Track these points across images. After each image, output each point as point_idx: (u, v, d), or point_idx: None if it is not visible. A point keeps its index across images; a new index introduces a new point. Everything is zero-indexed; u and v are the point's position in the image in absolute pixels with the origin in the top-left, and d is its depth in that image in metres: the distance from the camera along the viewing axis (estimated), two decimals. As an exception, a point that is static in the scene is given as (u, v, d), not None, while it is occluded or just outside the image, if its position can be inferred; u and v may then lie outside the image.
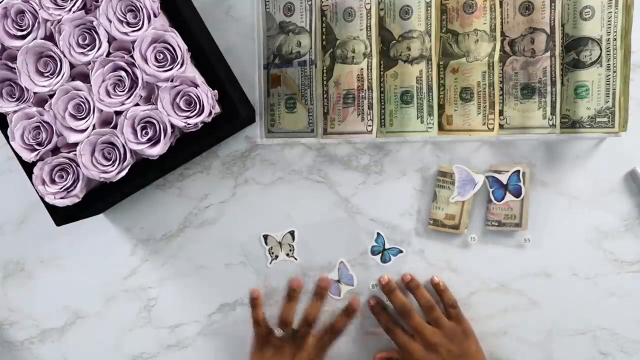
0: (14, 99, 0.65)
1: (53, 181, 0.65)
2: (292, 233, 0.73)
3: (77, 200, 0.65)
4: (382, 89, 0.69)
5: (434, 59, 0.67)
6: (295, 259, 0.74)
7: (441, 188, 0.70)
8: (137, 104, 0.63)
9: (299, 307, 0.70)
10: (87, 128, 0.63)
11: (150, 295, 0.77)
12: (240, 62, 0.73)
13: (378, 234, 0.72)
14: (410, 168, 0.71)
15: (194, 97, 0.62)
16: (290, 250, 0.74)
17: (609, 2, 0.62)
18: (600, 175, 0.68)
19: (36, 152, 0.64)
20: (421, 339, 0.65)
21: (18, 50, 0.63)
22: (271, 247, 0.74)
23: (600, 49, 0.63)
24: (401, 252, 0.72)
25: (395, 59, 0.68)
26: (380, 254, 0.72)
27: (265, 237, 0.74)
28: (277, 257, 0.74)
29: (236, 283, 0.75)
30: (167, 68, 0.62)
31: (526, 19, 0.65)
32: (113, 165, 0.63)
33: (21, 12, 0.63)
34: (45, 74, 0.64)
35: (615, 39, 0.63)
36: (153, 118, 0.63)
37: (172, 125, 0.63)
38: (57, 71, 0.63)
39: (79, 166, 0.64)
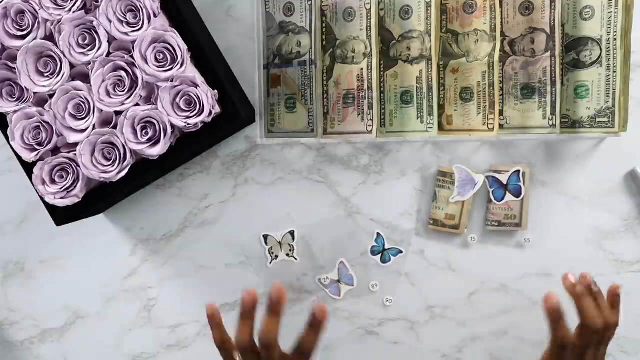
0: (14, 99, 0.65)
1: (53, 181, 0.65)
2: (292, 233, 0.73)
3: (77, 200, 0.65)
4: (382, 89, 0.69)
5: (434, 59, 0.67)
6: (296, 259, 0.74)
7: (441, 188, 0.70)
8: (137, 104, 0.63)
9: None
10: (87, 128, 0.63)
11: (150, 295, 0.77)
12: (240, 62, 0.73)
13: (378, 234, 0.72)
14: (410, 168, 0.71)
15: (194, 97, 0.62)
16: (290, 251, 0.74)
17: (609, 2, 0.62)
18: (600, 175, 0.68)
19: (36, 152, 0.64)
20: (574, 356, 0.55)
21: (18, 50, 0.63)
22: (271, 247, 0.74)
23: (600, 49, 0.63)
24: (401, 252, 0.72)
25: (395, 59, 0.68)
26: (380, 254, 0.72)
27: (265, 237, 0.74)
28: (277, 257, 0.74)
29: (236, 283, 0.75)
30: (167, 68, 0.62)
31: (526, 19, 0.65)
32: (113, 165, 0.63)
33: (21, 12, 0.63)
34: (45, 74, 0.64)
35: (615, 39, 0.63)
36: (153, 118, 0.63)
37: (172, 125, 0.63)
38: (57, 71, 0.63)
39: (79, 166, 0.64)
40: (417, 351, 0.72)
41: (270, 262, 0.74)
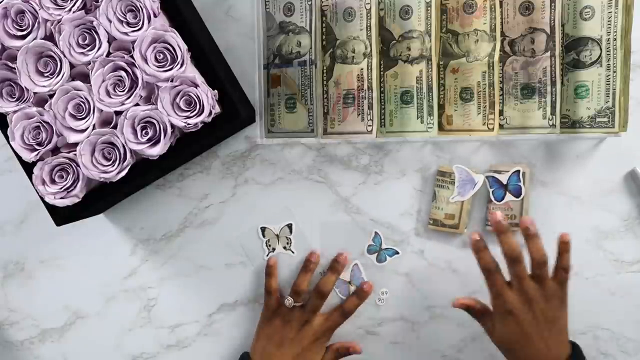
0: (14, 99, 0.65)
1: (53, 181, 0.65)
2: (289, 226, 0.73)
3: (77, 200, 0.65)
4: (382, 89, 0.69)
5: (434, 59, 0.67)
6: (293, 252, 0.74)
7: (440, 188, 0.70)
8: (137, 104, 0.63)
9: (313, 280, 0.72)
10: (87, 128, 0.63)
11: (150, 295, 0.77)
12: (240, 62, 0.73)
13: (376, 233, 0.72)
14: (410, 168, 0.71)
15: (194, 97, 0.62)
16: (287, 243, 0.74)
17: (609, 2, 0.62)
18: (600, 175, 0.68)
19: (36, 152, 0.64)
20: (519, 289, 0.61)
21: (18, 50, 0.63)
22: (268, 240, 0.74)
23: (600, 49, 0.63)
24: (397, 253, 0.72)
25: (395, 59, 0.68)
26: (376, 254, 0.72)
27: (263, 229, 0.74)
28: (274, 249, 0.74)
29: (236, 283, 0.75)
30: (167, 68, 0.62)
31: (526, 19, 0.65)
32: (113, 165, 0.63)
33: (21, 12, 0.63)
34: (45, 74, 0.64)
35: (615, 39, 0.63)
36: (153, 118, 0.63)
37: (172, 125, 0.63)
38: (57, 71, 0.63)
39: (79, 166, 0.64)
40: (417, 351, 0.72)
41: (267, 255, 0.74)
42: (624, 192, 0.68)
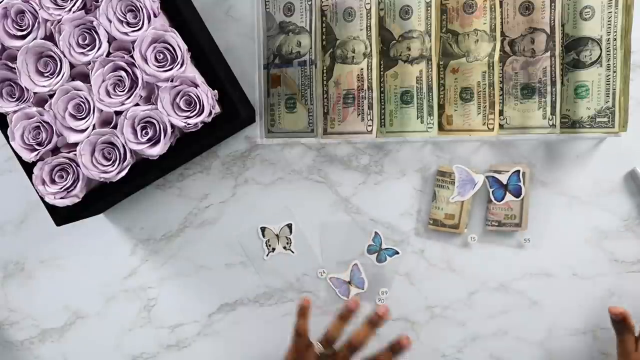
0: (14, 99, 0.65)
1: (53, 181, 0.65)
2: (289, 226, 0.73)
3: (77, 200, 0.65)
4: (382, 89, 0.69)
5: (434, 59, 0.67)
6: (292, 252, 0.74)
7: (440, 188, 0.70)
8: (137, 104, 0.63)
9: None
10: (87, 128, 0.63)
11: (150, 295, 0.77)
12: (240, 62, 0.73)
13: (376, 233, 0.72)
14: (410, 168, 0.71)
15: (194, 97, 0.62)
16: (287, 243, 0.74)
17: (609, 2, 0.62)
18: (600, 175, 0.68)
19: (36, 152, 0.64)
20: None
21: (18, 50, 0.63)
22: (268, 240, 0.74)
23: (600, 49, 0.63)
24: (397, 253, 0.72)
25: (395, 59, 0.68)
26: (376, 254, 0.72)
27: (263, 229, 0.74)
28: (274, 249, 0.74)
29: (236, 283, 0.75)
30: (167, 68, 0.62)
31: (526, 19, 0.65)
32: (113, 165, 0.63)
33: (21, 12, 0.63)
34: (45, 74, 0.64)
35: (615, 39, 0.63)
36: (153, 118, 0.63)
37: (172, 125, 0.63)
38: (57, 71, 0.63)
39: (79, 166, 0.64)
40: (417, 351, 0.72)
41: (267, 255, 0.74)
42: (624, 192, 0.68)
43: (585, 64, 0.64)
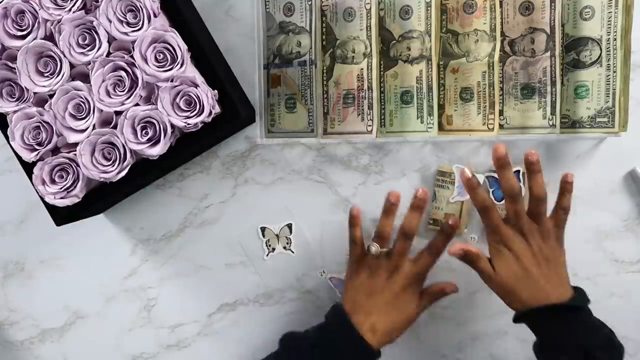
0: (14, 99, 0.65)
1: (53, 181, 0.65)
2: (289, 226, 0.73)
3: (77, 200, 0.65)
4: (382, 89, 0.69)
5: (434, 59, 0.67)
6: (292, 252, 0.74)
7: (440, 188, 0.70)
8: (137, 104, 0.63)
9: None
10: (87, 128, 0.63)
11: (150, 295, 0.77)
12: (240, 62, 0.73)
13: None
14: (410, 168, 0.71)
15: (194, 97, 0.62)
16: (287, 243, 0.74)
17: (609, 2, 0.62)
18: (600, 175, 0.68)
19: (36, 152, 0.64)
20: (515, 225, 0.60)
21: (18, 50, 0.63)
22: (268, 240, 0.74)
23: (600, 49, 0.63)
24: None
25: (395, 59, 0.68)
26: None
27: (263, 229, 0.74)
28: (274, 249, 0.74)
29: (236, 283, 0.75)
30: (167, 68, 0.62)
31: (526, 19, 0.65)
32: (113, 165, 0.63)
33: (21, 12, 0.63)
34: (45, 74, 0.64)
35: (615, 39, 0.63)
36: (153, 118, 0.63)
37: (172, 125, 0.63)
38: (57, 71, 0.63)
39: (79, 166, 0.64)
40: (417, 351, 0.72)
41: (267, 255, 0.74)
42: (624, 192, 0.68)
43: (585, 64, 0.64)
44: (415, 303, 0.64)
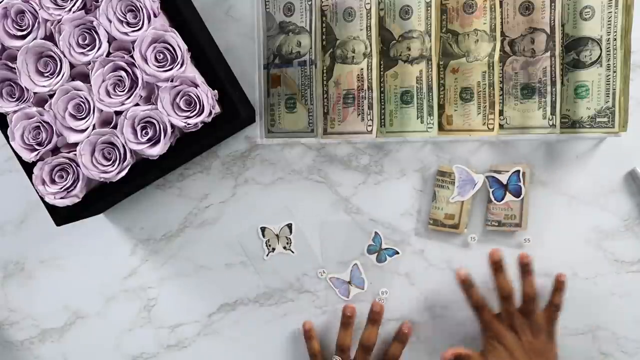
0: (14, 99, 0.65)
1: (53, 181, 0.65)
2: (289, 226, 0.73)
3: (77, 200, 0.65)
4: (382, 89, 0.69)
5: (434, 59, 0.67)
6: (292, 252, 0.74)
7: (440, 188, 0.70)
8: (137, 104, 0.63)
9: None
10: (87, 128, 0.63)
11: (150, 295, 0.77)
12: (240, 62, 0.73)
13: (376, 233, 0.72)
14: (410, 168, 0.71)
15: (194, 97, 0.62)
16: (287, 243, 0.74)
17: (609, 2, 0.62)
18: (600, 175, 0.68)
19: (36, 152, 0.64)
20: (508, 322, 0.64)
21: (18, 50, 0.63)
22: (268, 240, 0.74)
23: (600, 49, 0.63)
24: (397, 253, 0.72)
25: (395, 59, 0.68)
26: (376, 254, 0.72)
27: (263, 229, 0.74)
28: (274, 249, 0.74)
29: (236, 283, 0.75)
30: (167, 68, 0.62)
31: (526, 19, 0.65)
32: (113, 165, 0.63)
33: (21, 12, 0.63)
34: (45, 74, 0.64)
35: (615, 39, 0.63)
36: (153, 118, 0.63)
37: (172, 125, 0.63)
38: (57, 71, 0.63)
39: (79, 166, 0.64)
40: (417, 351, 0.72)
41: (267, 255, 0.74)
42: (624, 192, 0.68)
43: (585, 64, 0.64)
44: None
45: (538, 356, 0.63)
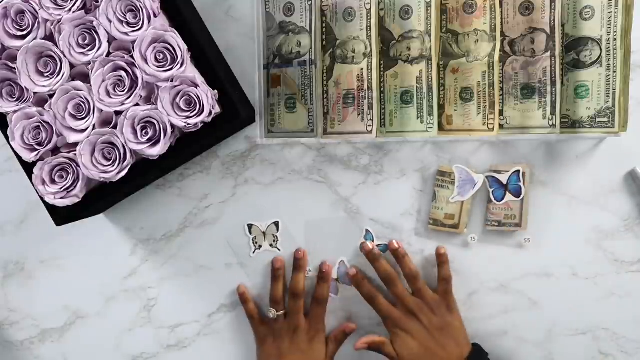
0: (14, 99, 0.65)
1: (53, 181, 0.65)
2: (276, 224, 0.73)
3: (77, 200, 0.65)
4: (382, 89, 0.69)
5: (434, 59, 0.67)
6: (279, 249, 0.74)
7: (440, 188, 0.70)
8: (137, 104, 0.63)
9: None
10: (87, 128, 0.63)
11: (150, 295, 0.77)
12: (240, 62, 0.73)
13: (367, 230, 0.72)
14: (410, 168, 0.71)
15: (194, 97, 0.62)
16: (273, 241, 0.74)
17: (609, 2, 0.62)
18: (600, 175, 0.68)
19: (36, 152, 0.64)
20: (402, 306, 0.66)
21: (18, 50, 0.63)
22: (255, 237, 0.74)
23: (600, 49, 0.63)
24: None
25: (395, 59, 0.68)
26: None
27: (250, 226, 0.74)
28: (260, 247, 0.74)
29: (236, 283, 0.75)
30: (167, 68, 0.62)
31: (526, 19, 0.65)
32: (113, 165, 0.63)
33: (21, 12, 0.63)
34: (45, 74, 0.64)
35: (615, 39, 0.63)
36: (153, 118, 0.63)
37: (172, 125, 0.63)
38: (57, 71, 0.63)
39: (79, 166, 0.64)
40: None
41: (254, 252, 0.74)
42: (624, 192, 0.68)
43: (585, 64, 0.64)
44: (323, 352, 0.70)
45: (440, 331, 0.65)
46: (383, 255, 0.69)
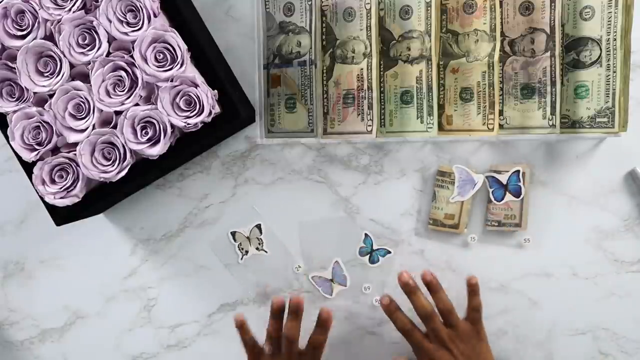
0: (14, 99, 0.65)
1: (53, 181, 0.65)
2: (258, 227, 0.73)
3: (77, 200, 0.65)
4: (382, 89, 0.69)
5: (434, 59, 0.67)
6: (266, 252, 0.74)
7: (440, 188, 0.70)
8: (137, 104, 0.63)
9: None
10: (87, 128, 0.63)
11: (150, 295, 0.77)
12: (240, 62, 0.73)
13: (366, 234, 0.72)
14: (410, 168, 0.71)
15: (194, 97, 0.62)
16: (259, 244, 0.74)
17: (609, 2, 0.62)
18: (600, 175, 0.68)
19: (36, 152, 0.64)
20: (435, 338, 0.65)
21: (18, 50, 0.63)
22: (240, 243, 0.74)
23: (600, 49, 0.63)
24: (389, 252, 0.71)
25: (395, 59, 0.68)
26: (369, 255, 0.72)
27: (234, 234, 0.74)
28: (247, 252, 0.74)
29: (236, 283, 0.75)
30: (167, 68, 0.62)
31: (526, 19, 0.65)
32: (113, 165, 0.63)
33: (21, 12, 0.63)
34: (45, 74, 0.64)
35: (615, 39, 0.63)
36: (153, 118, 0.63)
37: (172, 125, 0.63)
38: (57, 71, 0.63)
39: (79, 166, 0.64)
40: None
41: (242, 258, 0.74)
42: (624, 192, 0.68)
43: (585, 64, 0.64)
44: None
45: (472, 359, 0.64)
46: (420, 289, 0.65)
